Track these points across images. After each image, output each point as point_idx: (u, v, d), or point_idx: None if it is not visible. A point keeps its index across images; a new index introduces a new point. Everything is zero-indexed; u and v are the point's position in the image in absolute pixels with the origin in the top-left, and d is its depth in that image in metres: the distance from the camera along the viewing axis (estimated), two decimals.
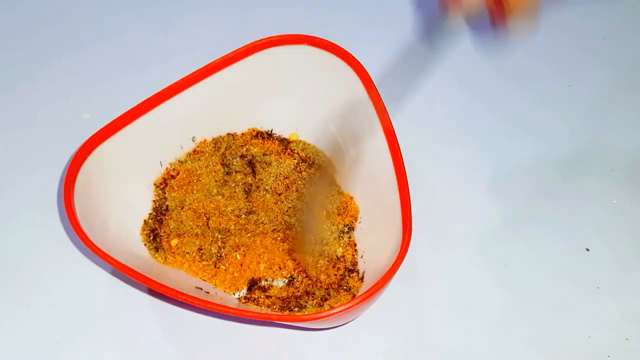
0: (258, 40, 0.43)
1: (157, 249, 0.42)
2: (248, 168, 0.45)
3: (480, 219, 0.46)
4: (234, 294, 0.41)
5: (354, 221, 0.43)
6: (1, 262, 0.44)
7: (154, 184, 0.45)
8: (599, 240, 0.45)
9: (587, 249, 0.44)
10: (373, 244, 0.41)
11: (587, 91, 0.53)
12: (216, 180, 0.44)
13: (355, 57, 0.42)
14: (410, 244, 0.35)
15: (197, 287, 0.40)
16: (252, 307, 0.40)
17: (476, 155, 0.49)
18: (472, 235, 0.45)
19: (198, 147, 0.46)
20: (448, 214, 0.46)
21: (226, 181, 0.44)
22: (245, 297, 0.41)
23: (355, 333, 0.41)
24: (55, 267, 0.43)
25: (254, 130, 0.47)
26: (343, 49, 0.43)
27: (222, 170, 0.45)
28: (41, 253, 0.44)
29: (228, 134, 0.47)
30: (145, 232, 0.43)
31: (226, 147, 0.46)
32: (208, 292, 0.40)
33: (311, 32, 0.44)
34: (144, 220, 0.43)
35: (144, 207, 0.44)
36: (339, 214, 0.43)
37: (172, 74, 0.43)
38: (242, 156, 0.45)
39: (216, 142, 0.46)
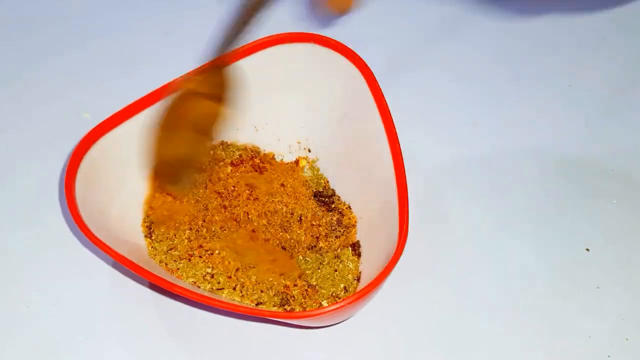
0: (264, 38, 0.43)
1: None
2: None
3: (479, 219, 0.46)
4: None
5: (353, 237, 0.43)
6: (1, 261, 0.44)
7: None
8: (599, 240, 0.45)
9: (587, 249, 0.45)
10: (370, 244, 0.41)
11: (587, 91, 0.53)
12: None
13: (361, 57, 0.42)
14: (409, 243, 0.35)
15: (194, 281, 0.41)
16: (247, 302, 0.40)
17: (475, 155, 0.49)
18: (471, 235, 0.45)
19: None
20: (447, 213, 0.46)
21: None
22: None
23: (354, 331, 0.41)
24: (55, 265, 0.43)
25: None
26: (349, 48, 0.43)
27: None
28: (41, 252, 0.44)
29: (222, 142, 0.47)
30: (145, 224, 0.43)
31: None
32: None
33: (318, 31, 0.44)
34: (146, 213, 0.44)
35: (145, 198, 0.44)
36: (337, 237, 0.43)
37: (173, 73, 0.43)
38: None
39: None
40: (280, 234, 0.42)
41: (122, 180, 0.42)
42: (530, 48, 0.56)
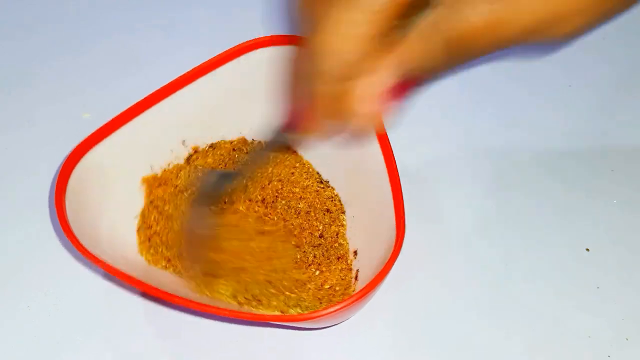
0: (247, 42, 0.43)
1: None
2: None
3: (479, 219, 0.46)
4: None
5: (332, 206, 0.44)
6: (1, 261, 0.44)
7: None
8: (599, 240, 0.45)
9: (587, 249, 0.44)
10: (367, 242, 0.41)
11: (587, 91, 0.53)
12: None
13: None
14: (407, 243, 0.35)
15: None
16: (246, 308, 0.40)
17: (474, 155, 0.49)
18: (471, 235, 0.45)
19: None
20: (447, 213, 0.46)
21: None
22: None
23: (348, 333, 0.41)
24: (56, 265, 0.43)
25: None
26: None
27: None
28: (42, 251, 0.44)
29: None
30: (141, 232, 0.43)
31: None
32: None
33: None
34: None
35: (136, 211, 0.44)
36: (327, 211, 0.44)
37: (173, 73, 0.43)
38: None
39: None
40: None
41: (112, 191, 0.42)
42: (530, 48, 0.56)
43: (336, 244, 0.43)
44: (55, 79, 0.53)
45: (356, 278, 0.40)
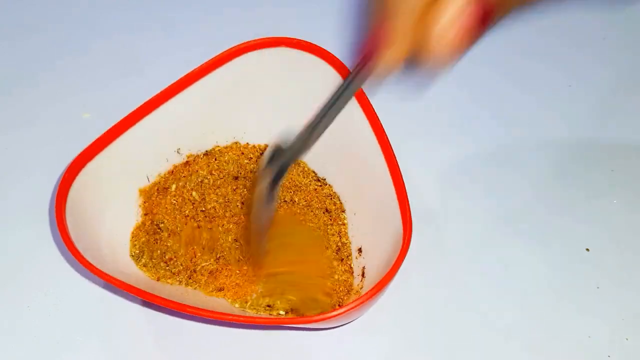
0: (234, 46, 0.43)
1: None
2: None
3: (478, 220, 0.46)
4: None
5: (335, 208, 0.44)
6: (1, 261, 0.44)
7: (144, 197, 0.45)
8: (599, 240, 0.45)
9: (587, 249, 0.44)
10: (372, 239, 0.41)
11: (587, 91, 0.53)
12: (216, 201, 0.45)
13: (336, 56, 0.42)
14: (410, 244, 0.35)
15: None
16: (251, 312, 0.40)
17: (474, 155, 0.49)
18: (471, 236, 0.45)
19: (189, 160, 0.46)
20: (447, 214, 0.46)
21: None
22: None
23: (352, 332, 0.41)
24: (56, 265, 0.43)
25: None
26: (323, 48, 0.42)
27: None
28: (42, 251, 0.44)
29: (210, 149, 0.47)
30: (135, 247, 0.43)
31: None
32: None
33: (291, 34, 0.43)
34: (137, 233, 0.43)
35: (133, 222, 0.44)
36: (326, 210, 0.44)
37: (173, 73, 0.43)
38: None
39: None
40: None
41: (110, 202, 0.42)
42: (530, 48, 0.56)
43: (339, 243, 0.43)
44: (55, 79, 0.53)
45: (363, 275, 0.40)
